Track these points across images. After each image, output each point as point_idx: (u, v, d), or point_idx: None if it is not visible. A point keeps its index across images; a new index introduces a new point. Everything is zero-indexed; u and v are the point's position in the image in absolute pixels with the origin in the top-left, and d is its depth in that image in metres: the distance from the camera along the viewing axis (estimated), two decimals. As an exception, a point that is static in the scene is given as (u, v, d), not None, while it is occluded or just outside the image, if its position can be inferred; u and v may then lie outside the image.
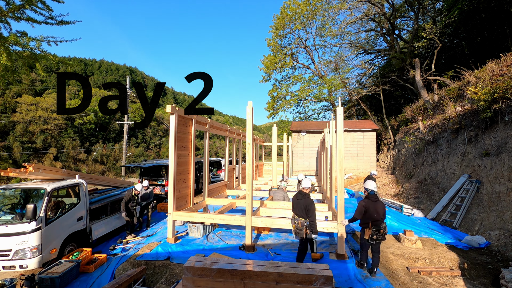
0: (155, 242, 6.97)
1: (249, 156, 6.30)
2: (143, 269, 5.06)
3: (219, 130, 10.45)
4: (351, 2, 20.30)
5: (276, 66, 26.49)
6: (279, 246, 6.54)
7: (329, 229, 6.15)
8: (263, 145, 19.72)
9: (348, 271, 5.12)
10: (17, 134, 41.79)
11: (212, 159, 18.49)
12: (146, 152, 56.91)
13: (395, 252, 6.21)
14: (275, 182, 10.98)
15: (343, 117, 8.47)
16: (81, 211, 6.31)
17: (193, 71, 10.52)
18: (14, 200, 6.25)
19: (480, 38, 15.75)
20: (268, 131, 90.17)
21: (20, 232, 5.09)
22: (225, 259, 3.80)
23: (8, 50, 4.77)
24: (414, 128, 14.80)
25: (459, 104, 11.45)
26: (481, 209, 7.80)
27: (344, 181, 9.83)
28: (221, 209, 7.58)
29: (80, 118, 49.82)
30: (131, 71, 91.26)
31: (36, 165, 5.97)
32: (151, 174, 13.93)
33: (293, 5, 24.82)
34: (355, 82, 27.44)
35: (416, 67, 16.68)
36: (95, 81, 73.12)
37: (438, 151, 11.50)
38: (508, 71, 9.08)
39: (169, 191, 6.77)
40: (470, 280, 5.09)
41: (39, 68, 5.27)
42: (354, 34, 24.70)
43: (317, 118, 30.46)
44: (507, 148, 7.69)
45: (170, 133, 6.87)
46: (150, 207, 8.55)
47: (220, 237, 7.19)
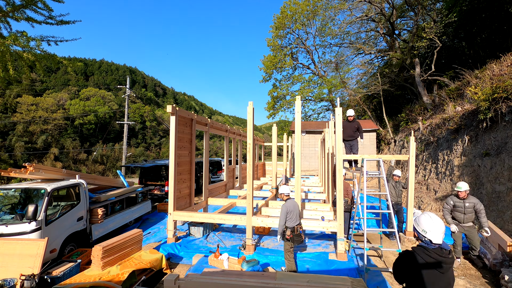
0: (155, 242, 6.97)
1: (249, 156, 6.30)
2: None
3: (219, 130, 10.45)
4: (351, 2, 20.31)
5: (276, 66, 26.50)
6: (277, 246, 6.54)
7: (329, 229, 6.16)
8: (263, 145, 19.71)
9: (348, 271, 5.12)
10: (18, 134, 41.80)
11: (212, 159, 18.50)
12: (146, 152, 56.92)
13: (395, 252, 6.22)
14: (275, 182, 10.98)
15: (343, 117, 8.45)
16: (81, 211, 6.31)
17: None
18: (14, 200, 6.26)
19: (480, 38, 15.74)
20: (268, 131, 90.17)
21: (20, 232, 5.09)
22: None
23: (9, 50, 4.77)
24: (414, 128, 14.80)
25: (459, 104, 11.45)
26: (481, 209, 7.80)
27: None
28: (221, 209, 7.58)
29: (80, 118, 49.85)
30: (131, 71, 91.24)
31: (36, 165, 5.97)
32: (151, 174, 13.93)
33: (293, 5, 24.84)
34: (355, 82, 27.45)
35: (416, 67, 16.68)
36: (95, 81, 73.15)
37: (438, 151, 11.50)
38: (508, 71, 9.08)
39: (169, 191, 6.78)
40: (470, 280, 5.09)
41: (39, 68, 5.26)
42: (354, 34, 24.74)
43: (317, 118, 30.47)
44: (507, 148, 7.69)
45: (170, 133, 6.88)
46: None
47: (220, 237, 7.19)
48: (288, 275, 3.52)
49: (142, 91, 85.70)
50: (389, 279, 5.01)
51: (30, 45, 4.91)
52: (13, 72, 4.92)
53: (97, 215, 6.62)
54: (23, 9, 4.82)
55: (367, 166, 7.05)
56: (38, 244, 4.58)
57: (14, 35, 4.80)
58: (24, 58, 4.93)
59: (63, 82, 64.84)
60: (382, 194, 6.04)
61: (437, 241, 2.29)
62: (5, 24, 4.86)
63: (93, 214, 6.62)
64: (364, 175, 5.82)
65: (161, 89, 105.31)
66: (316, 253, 5.98)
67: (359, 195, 6.33)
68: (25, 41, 4.87)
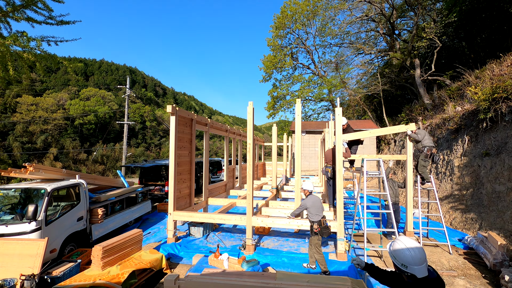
0: (155, 242, 6.97)
1: (249, 156, 6.30)
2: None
3: (219, 130, 10.45)
4: (351, 2, 20.31)
5: (276, 66, 26.52)
6: (277, 246, 6.54)
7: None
8: (263, 145, 19.71)
9: (348, 272, 5.12)
10: (17, 134, 41.81)
11: (212, 159, 18.50)
12: (147, 152, 56.93)
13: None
14: (275, 182, 10.97)
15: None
16: (81, 211, 6.31)
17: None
18: (14, 200, 6.25)
19: (480, 38, 15.75)
20: (268, 131, 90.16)
21: (20, 232, 5.09)
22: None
23: (9, 51, 4.76)
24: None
25: (459, 104, 11.45)
26: (481, 209, 7.79)
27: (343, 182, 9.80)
28: (221, 209, 7.58)
29: (80, 118, 49.85)
30: (131, 71, 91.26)
31: (36, 165, 5.97)
32: (151, 174, 13.93)
33: (293, 5, 24.85)
34: (355, 82, 27.46)
35: (416, 67, 16.68)
36: (95, 81, 73.16)
37: (438, 151, 11.50)
38: (508, 71, 9.07)
39: (169, 191, 6.78)
40: (470, 280, 5.09)
41: (39, 68, 5.26)
42: (354, 34, 24.75)
43: (317, 118, 30.49)
44: (507, 148, 7.69)
45: (170, 133, 6.88)
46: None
47: (220, 238, 7.19)
48: (288, 275, 3.52)
49: (142, 91, 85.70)
50: (389, 279, 5.01)
51: (30, 45, 4.90)
52: (13, 72, 4.92)
53: (97, 215, 6.62)
54: (23, 9, 4.81)
55: (367, 166, 7.05)
56: (38, 244, 4.58)
57: (14, 35, 4.80)
58: (24, 58, 4.93)
59: (63, 82, 64.84)
60: (382, 194, 6.04)
61: (422, 275, 2.00)
62: (5, 24, 4.86)
63: (93, 214, 6.62)
64: (364, 175, 5.83)
65: (161, 89, 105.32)
66: (316, 253, 5.98)
67: (359, 195, 6.33)
68: (25, 41, 4.87)
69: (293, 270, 5.27)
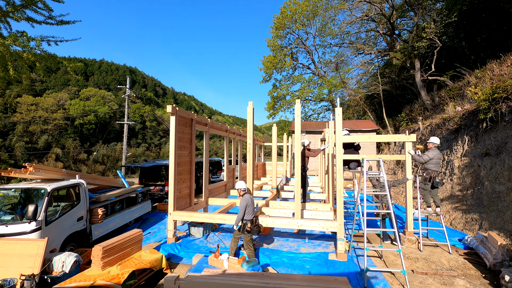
0: (155, 242, 6.97)
1: (249, 156, 6.30)
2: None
3: (219, 130, 10.45)
4: (351, 2, 20.31)
5: (276, 66, 26.52)
6: (277, 246, 6.54)
7: (329, 229, 6.16)
8: (263, 145, 19.71)
9: (348, 272, 5.12)
10: (18, 134, 41.81)
11: (212, 159, 18.50)
12: (146, 152, 56.93)
13: (395, 252, 6.22)
14: (275, 182, 10.97)
15: (343, 118, 8.46)
16: (81, 211, 6.31)
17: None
18: (14, 200, 6.25)
19: (480, 38, 15.75)
20: (268, 131, 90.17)
21: (20, 232, 5.09)
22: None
23: (9, 50, 4.77)
24: (414, 128, 14.80)
25: (459, 104, 11.45)
26: (481, 209, 7.79)
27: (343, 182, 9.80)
28: (221, 209, 7.58)
29: (80, 118, 49.86)
30: (131, 71, 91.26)
31: (36, 165, 5.97)
32: (151, 174, 13.93)
33: (293, 5, 24.85)
34: (355, 82, 27.47)
35: (416, 67, 16.68)
36: (95, 81, 73.17)
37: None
38: (508, 71, 9.07)
39: (169, 191, 6.78)
40: (470, 280, 5.09)
41: (39, 68, 5.26)
42: (354, 34, 24.76)
43: (317, 118, 30.49)
44: (507, 148, 7.69)
45: (170, 133, 6.87)
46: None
47: (220, 237, 7.19)
48: (288, 276, 3.53)
49: (142, 91, 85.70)
50: (389, 279, 5.01)
51: (30, 45, 4.91)
52: (13, 72, 4.93)
53: (97, 215, 6.62)
54: (23, 9, 4.82)
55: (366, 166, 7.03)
56: (38, 244, 4.58)
57: (14, 35, 4.81)
58: (24, 58, 4.93)
59: (63, 82, 64.85)
60: (382, 194, 6.04)
61: None
62: (5, 24, 4.86)
63: (93, 214, 6.62)
64: (364, 175, 5.82)
65: (161, 89, 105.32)
66: (316, 253, 5.98)
67: (359, 195, 6.33)
68: (25, 41, 4.87)
69: (293, 270, 5.27)
